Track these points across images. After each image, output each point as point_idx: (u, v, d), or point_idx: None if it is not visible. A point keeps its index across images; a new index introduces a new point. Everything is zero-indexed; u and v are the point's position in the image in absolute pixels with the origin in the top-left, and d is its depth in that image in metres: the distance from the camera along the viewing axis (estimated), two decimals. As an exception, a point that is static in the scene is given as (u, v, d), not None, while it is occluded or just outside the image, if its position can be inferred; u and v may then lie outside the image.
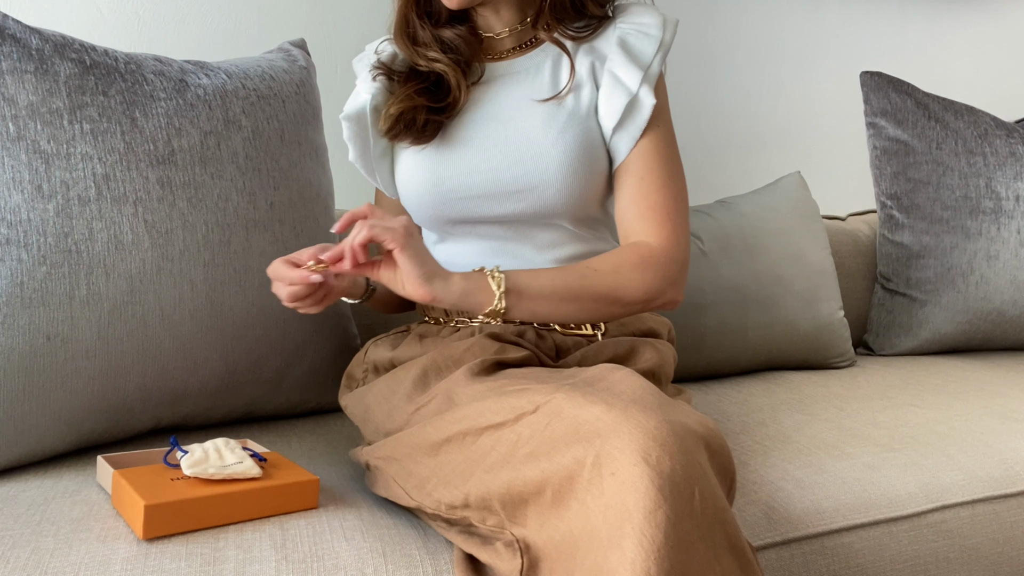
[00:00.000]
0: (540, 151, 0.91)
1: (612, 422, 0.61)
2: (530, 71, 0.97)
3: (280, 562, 0.70)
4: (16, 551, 0.70)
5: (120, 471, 0.78)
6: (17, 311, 0.87)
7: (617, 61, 0.93)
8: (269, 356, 1.04)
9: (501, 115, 0.94)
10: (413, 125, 0.93)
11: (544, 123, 0.92)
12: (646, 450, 0.59)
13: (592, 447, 0.61)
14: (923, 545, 0.89)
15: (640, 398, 0.65)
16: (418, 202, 0.96)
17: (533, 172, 0.91)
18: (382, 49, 1.01)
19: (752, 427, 1.07)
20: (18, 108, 0.89)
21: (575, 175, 0.91)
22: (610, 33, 0.96)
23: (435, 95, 0.95)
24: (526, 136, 0.92)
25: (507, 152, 0.92)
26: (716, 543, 0.59)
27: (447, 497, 0.71)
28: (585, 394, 0.65)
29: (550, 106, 0.93)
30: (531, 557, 0.64)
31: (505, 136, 0.93)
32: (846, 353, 1.45)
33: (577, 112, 0.93)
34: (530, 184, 0.91)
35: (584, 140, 0.92)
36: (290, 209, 1.04)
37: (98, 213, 0.90)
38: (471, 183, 0.93)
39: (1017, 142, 1.56)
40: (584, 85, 0.94)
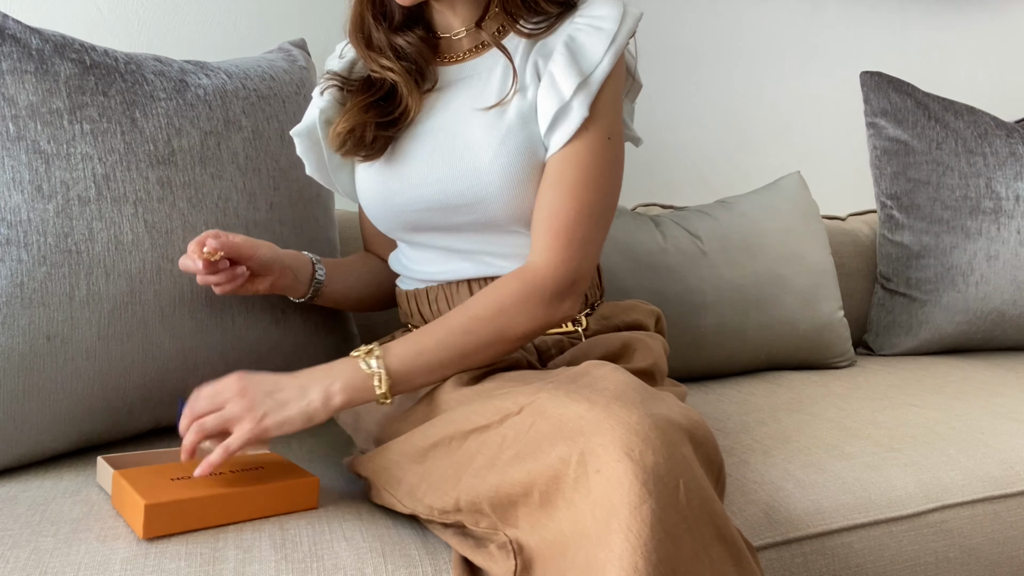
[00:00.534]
0: (480, 165, 0.87)
1: (594, 419, 0.61)
2: (481, 76, 0.92)
3: (280, 562, 0.70)
4: (16, 551, 0.70)
5: (120, 471, 0.78)
6: (17, 311, 0.87)
7: (559, 61, 0.86)
8: (269, 356, 1.04)
9: (447, 125, 0.90)
10: (362, 142, 0.91)
11: (485, 134, 0.87)
12: (628, 445, 0.59)
13: (576, 445, 0.61)
14: (923, 545, 0.89)
15: (622, 393, 0.65)
16: (375, 214, 0.95)
17: (476, 186, 0.87)
18: (346, 52, 0.99)
19: (752, 427, 1.07)
20: (18, 108, 0.89)
21: (518, 187, 0.86)
22: (563, 29, 0.90)
23: (385, 108, 0.92)
24: (468, 148, 0.88)
25: (452, 165, 0.88)
26: (704, 534, 0.59)
27: (438, 503, 0.72)
28: (568, 392, 0.65)
29: (493, 115, 0.88)
30: (525, 558, 0.64)
31: (450, 148, 0.89)
32: (846, 353, 1.45)
33: (520, 118, 0.87)
34: (476, 197, 0.88)
35: (525, 149, 0.86)
36: (290, 209, 1.04)
37: (98, 213, 0.90)
38: (419, 196, 0.90)
39: (1017, 142, 1.56)
40: (530, 86, 0.89)
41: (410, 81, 0.92)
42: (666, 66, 1.77)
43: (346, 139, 0.91)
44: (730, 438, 1.03)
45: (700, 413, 0.99)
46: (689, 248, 1.34)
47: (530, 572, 0.64)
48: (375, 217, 0.96)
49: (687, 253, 1.34)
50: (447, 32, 0.95)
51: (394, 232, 0.96)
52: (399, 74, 0.92)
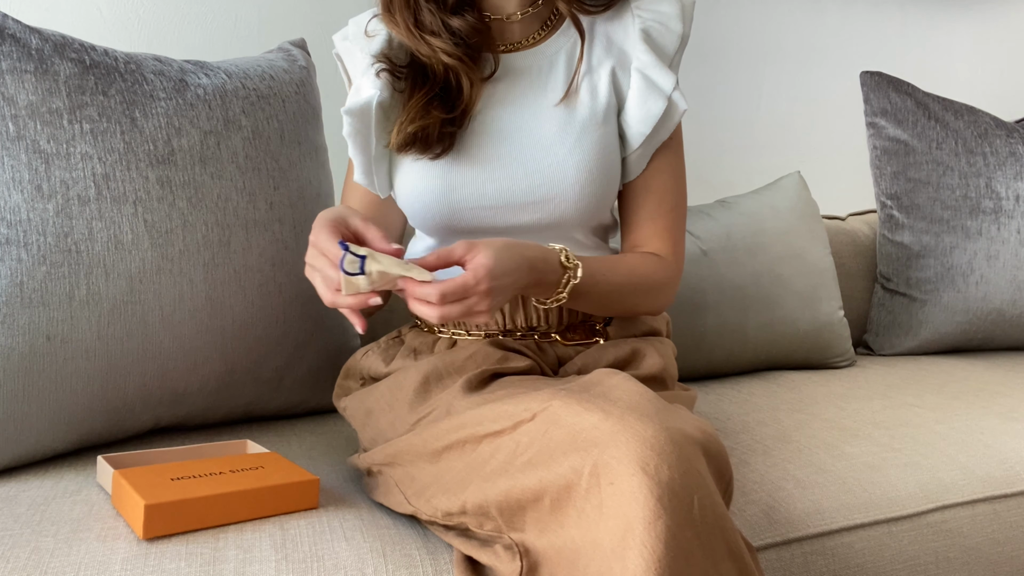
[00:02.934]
0: (556, 161, 0.87)
1: (609, 431, 0.61)
2: (543, 67, 0.91)
3: (280, 562, 0.70)
4: (16, 551, 0.70)
5: (120, 471, 0.78)
6: (17, 311, 0.87)
7: (646, 61, 0.88)
8: (269, 356, 1.04)
9: (515, 119, 0.89)
10: (428, 142, 0.87)
11: (560, 129, 0.87)
12: (644, 459, 0.58)
13: (589, 456, 0.60)
14: (923, 545, 0.89)
15: (637, 405, 0.65)
16: (424, 210, 0.91)
17: (550, 183, 0.87)
18: (374, 30, 0.94)
19: (752, 427, 1.07)
20: (18, 108, 0.89)
21: (592, 185, 0.87)
22: (628, 21, 0.90)
23: (446, 100, 0.88)
24: (542, 144, 0.87)
25: (523, 161, 0.87)
26: (715, 550, 0.59)
27: (444, 505, 0.71)
28: (581, 401, 0.65)
29: (565, 111, 0.88)
30: (530, 561, 0.64)
31: (520, 143, 0.87)
32: (846, 353, 1.45)
33: (594, 116, 0.88)
34: (546, 195, 0.87)
35: (601, 147, 0.87)
36: (290, 209, 1.04)
37: (98, 213, 0.90)
38: (484, 193, 0.88)
39: (1017, 142, 1.56)
40: (602, 88, 0.89)
41: (471, 68, 0.87)
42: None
43: (413, 141, 0.86)
44: (730, 438, 1.03)
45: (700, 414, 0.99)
46: (689, 248, 1.34)
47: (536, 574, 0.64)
48: (422, 214, 0.91)
49: (687, 253, 1.34)
50: (500, 14, 0.92)
51: (437, 230, 0.92)
52: (458, 60, 0.86)
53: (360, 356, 0.97)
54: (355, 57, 0.94)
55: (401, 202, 0.94)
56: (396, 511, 0.80)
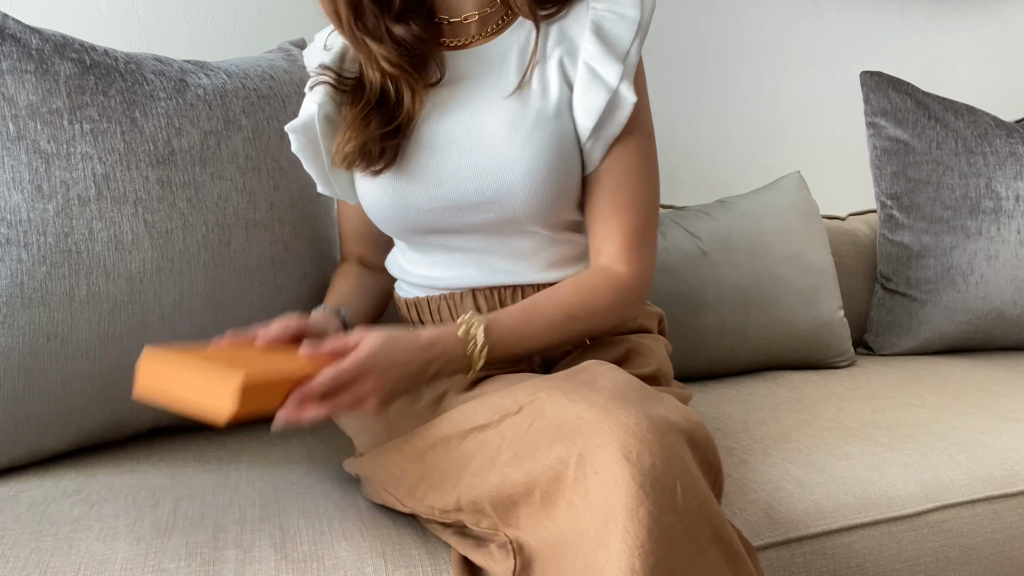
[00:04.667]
0: (505, 160, 0.83)
1: (593, 420, 0.61)
2: (494, 62, 0.88)
3: (280, 562, 0.70)
4: (16, 551, 0.70)
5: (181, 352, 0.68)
6: (17, 311, 0.87)
7: (592, 52, 0.84)
8: (269, 356, 1.04)
9: (463, 118, 0.86)
10: (370, 157, 0.85)
11: (510, 126, 0.84)
12: (626, 447, 0.59)
13: (575, 446, 0.61)
14: (923, 545, 0.89)
15: (620, 393, 0.65)
16: (381, 215, 0.90)
17: (498, 183, 0.84)
18: (332, 43, 0.93)
19: (752, 427, 1.07)
20: (18, 108, 0.89)
21: (543, 183, 0.83)
22: (581, 15, 0.87)
23: (386, 113, 0.86)
24: (489, 142, 0.84)
25: (471, 161, 0.84)
26: (700, 536, 0.59)
27: (439, 502, 0.71)
28: (566, 392, 0.65)
29: (516, 106, 0.85)
30: (524, 558, 0.64)
31: (468, 143, 0.85)
32: (846, 353, 1.45)
33: (545, 111, 0.84)
34: (495, 195, 0.84)
35: (554, 143, 0.84)
36: (290, 209, 1.04)
37: (98, 213, 0.90)
38: (434, 195, 0.86)
39: (1017, 142, 1.56)
40: (552, 80, 0.86)
41: (414, 78, 0.86)
42: (666, 66, 1.77)
43: (354, 158, 0.85)
44: (730, 438, 1.03)
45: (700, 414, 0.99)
46: (689, 248, 1.34)
47: (529, 572, 0.64)
48: (382, 220, 0.91)
49: (687, 253, 1.34)
50: (456, 16, 0.90)
51: (401, 234, 0.92)
52: (401, 69, 0.85)
53: None
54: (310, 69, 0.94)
55: (364, 209, 0.93)
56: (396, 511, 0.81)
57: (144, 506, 0.80)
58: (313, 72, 0.92)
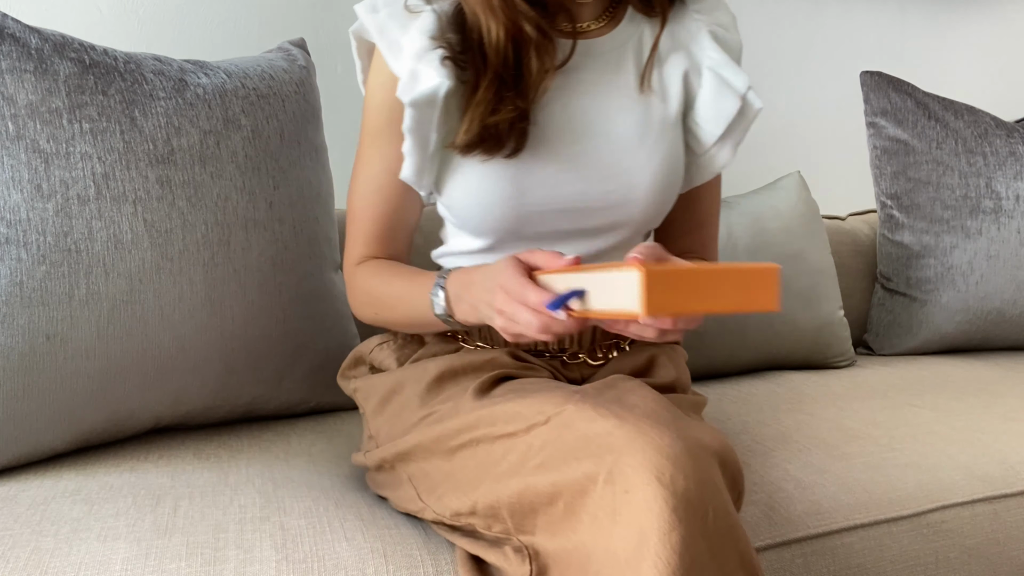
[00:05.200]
0: (634, 165, 0.81)
1: (625, 437, 0.60)
2: (611, 56, 0.82)
3: (280, 562, 0.70)
4: (16, 551, 0.70)
5: None
6: (16, 310, 0.87)
7: (718, 59, 0.84)
8: (269, 356, 1.04)
9: (591, 114, 0.81)
10: (499, 139, 0.76)
11: (638, 132, 0.81)
12: (660, 468, 0.57)
13: (604, 462, 0.60)
14: (923, 545, 0.89)
15: (652, 411, 0.63)
16: (485, 214, 0.81)
17: (625, 187, 0.81)
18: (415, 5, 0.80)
19: (752, 427, 1.07)
20: (17, 107, 0.89)
21: (663, 191, 0.83)
22: (689, 23, 0.85)
23: (517, 89, 0.76)
24: (620, 145, 0.81)
25: (600, 162, 0.80)
26: (728, 561, 0.59)
27: (455, 504, 0.71)
28: (596, 406, 0.64)
29: (640, 108, 0.82)
30: (540, 564, 0.64)
31: (596, 145, 0.80)
32: (846, 353, 1.45)
33: (668, 118, 0.83)
34: (620, 200, 0.81)
35: (673, 152, 0.83)
36: (290, 208, 1.04)
37: (97, 212, 0.90)
38: (556, 196, 0.80)
39: (1017, 142, 1.56)
40: (673, 86, 0.84)
41: (547, 50, 0.76)
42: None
43: (482, 139, 0.76)
44: (730, 438, 1.03)
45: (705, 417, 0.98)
46: (689, 248, 1.34)
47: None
48: (482, 216, 0.81)
49: (687, 253, 1.34)
50: None
51: (495, 234, 0.83)
52: (541, 33, 0.75)
53: (373, 346, 0.92)
54: (393, 37, 0.80)
55: (454, 204, 0.83)
56: (399, 508, 0.80)
57: (144, 505, 0.80)
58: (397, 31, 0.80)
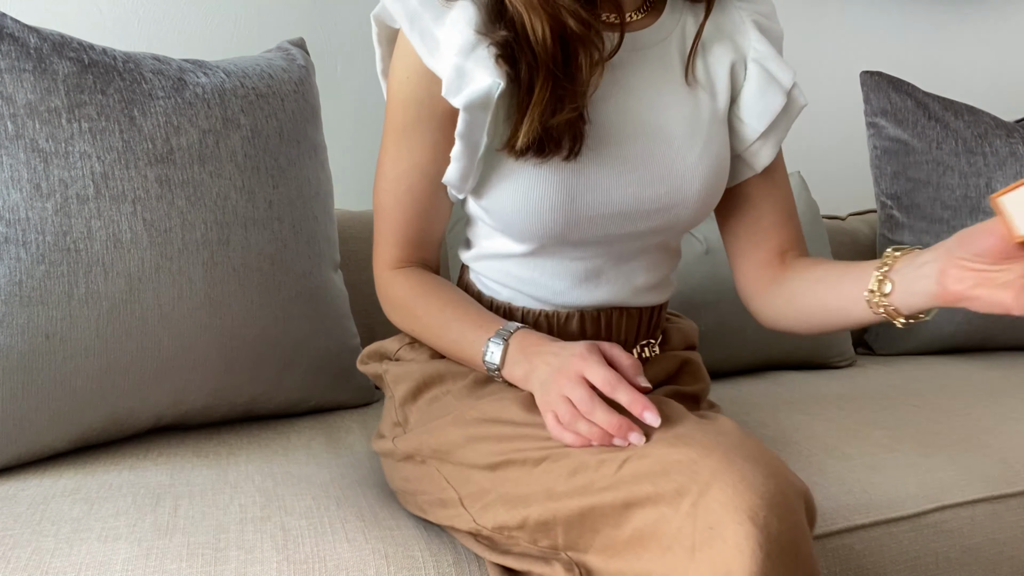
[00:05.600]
0: (686, 168, 0.77)
1: (712, 469, 0.56)
2: (657, 51, 0.78)
3: (282, 563, 0.70)
4: (17, 551, 0.70)
5: None
6: (16, 310, 0.87)
7: (764, 52, 0.81)
8: (269, 355, 1.04)
9: (641, 112, 0.76)
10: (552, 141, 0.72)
11: (689, 131, 0.78)
12: (753, 508, 0.53)
13: (688, 493, 0.56)
14: (923, 545, 0.89)
15: (740, 443, 0.59)
16: (533, 218, 0.76)
17: (676, 189, 0.77)
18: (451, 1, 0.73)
19: (752, 427, 1.07)
20: (16, 107, 0.88)
21: (712, 191, 0.80)
22: (733, 13, 0.82)
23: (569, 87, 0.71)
24: (672, 146, 0.77)
25: (654, 163, 0.76)
26: None
27: (501, 517, 0.66)
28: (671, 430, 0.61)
29: (689, 104, 0.78)
30: None
31: (648, 146, 0.76)
32: (846, 353, 1.45)
33: (717, 114, 0.80)
34: (671, 202, 0.78)
35: (723, 150, 0.80)
36: (289, 208, 1.04)
37: (97, 212, 0.90)
38: (610, 200, 0.76)
39: (1017, 142, 1.56)
40: (720, 79, 0.80)
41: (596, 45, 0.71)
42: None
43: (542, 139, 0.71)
44: (730, 438, 1.02)
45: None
46: (690, 248, 1.34)
47: None
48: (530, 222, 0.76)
49: (688, 253, 1.34)
50: None
51: (540, 239, 0.78)
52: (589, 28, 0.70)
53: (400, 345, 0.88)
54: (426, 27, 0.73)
55: (499, 209, 0.78)
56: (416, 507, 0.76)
57: (144, 505, 0.79)
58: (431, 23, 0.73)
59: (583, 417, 0.64)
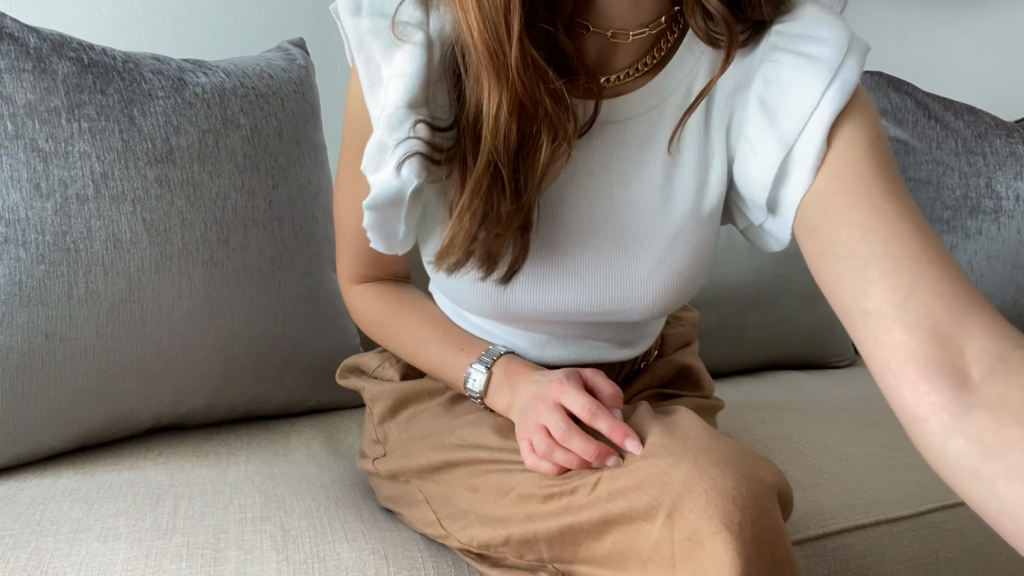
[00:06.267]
0: (636, 278, 0.66)
1: (682, 478, 0.55)
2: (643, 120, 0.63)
3: (281, 563, 0.70)
4: (16, 551, 0.70)
5: None
6: (15, 310, 0.87)
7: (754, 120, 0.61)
8: (269, 355, 1.04)
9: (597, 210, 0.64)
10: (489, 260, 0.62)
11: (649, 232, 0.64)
12: (727, 515, 0.53)
13: (661, 504, 0.55)
14: (923, 545, 0.89)
15: (708, 446, 0.57)
16: (464, 303, 0.71)
17: (622, 298, 0.68)
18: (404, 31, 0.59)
19: (752, 427, 1.07)
20: (16, 107, 0.88)
21: (669, 301, 0.69)
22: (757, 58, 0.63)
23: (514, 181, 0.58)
24: (625, 248, 0.65)
25: (598, 272, 0.66)
26: None
27: (483, 536, 0.65)
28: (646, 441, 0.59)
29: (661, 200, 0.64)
30: None
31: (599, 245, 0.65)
32: (846, 353, 1.45)
33: (697, 212, 0.64)
34: (616, 309, 0.68)
35: (693, 258, 0.66)
36: (289, 207, 1.04)
37: (96, 211, 0.90)
38: (543, 306, 0.68)
39: (1017, 142, 1.56)
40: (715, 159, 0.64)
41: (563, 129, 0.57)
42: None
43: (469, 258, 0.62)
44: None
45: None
46: (689, 247, 1.34)
47: None
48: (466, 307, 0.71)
49: (687, 253, 1.34)
50: (605, 27, 0.60)
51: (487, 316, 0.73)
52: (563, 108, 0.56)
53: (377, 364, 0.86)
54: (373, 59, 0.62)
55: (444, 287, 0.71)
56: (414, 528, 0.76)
57: (144, 505, 0.79)
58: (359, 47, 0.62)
59: (559, 446, 0.61)
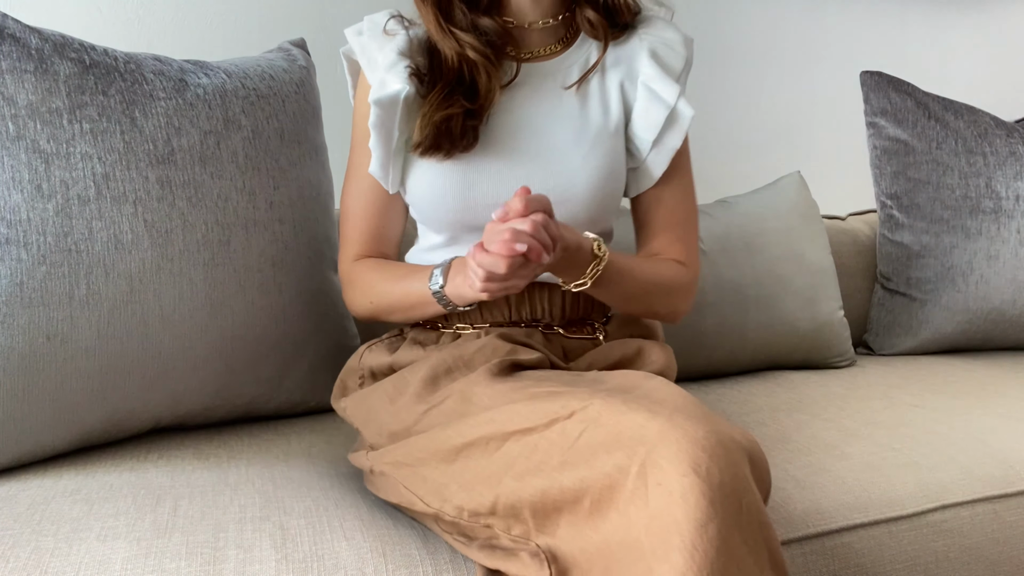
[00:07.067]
0: (572, 166, 0.90)
1: (658, 430, 0.60)
2: (557, 76, 0.95)
3: (280, 562, 0.70)
4: (16, 551, 0.70)
5: None
6: (17, 311, 0.87)
7: (651, 74, 0.94)
8: (269, 356, 1.04)
9: (533, 124, 0.92)
10: (450, 135, 0.87)
11: (575, 138, 0.91)
12: (696, 460, 0.57)
13: (636, 456, 0.59)
14: (923, 545, 0.89)
15: (683, 406, 0.63)
16: (439, 207, 0.91)
17: (565, 184, 0.90)
18: (392, 30, 0.94)
19: (752, 427, 1.07)
20: (17, 107, 0.89)
21: (601, 191, 0.91)
22: (634, 43, 0.96)
23: (468, 96, 0.89)
24: (558, 149, 0.91)
25: (541, 161, 0.90)
26: (761, 557, 0.58)
27: (471, 503, 0.70)
28: (625, 400, 0.64)
29: (580, 120, 0.93)
30: (559, 567, 0.63)
31: (537, 147, 0.91)
32: (846, 353, 1.45)
33: (606, 129, 0.93)
34: (561, 196, 0.88)
35: (611, 157, 0.92)
36: (290, 208, 1.04)
37: (98, 213, 0.90)
38: (500, 191, 0.89)
39: (1017, 142, 1.56)
40: (613, 100, 0.94)
41: (493, 66, 0.90)
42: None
43: (438, 135, 0.87)
44: (730, 438, 1.02)
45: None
46: (689, 248, 1.34)
47: None
48: (436, 208, 0.91)
49: (687, 253, 1.34)
50: (521, 21, 0.95)
51: (450, 226, 0.92)
52: (485, 57, 0.89)
53: (362, 352, 0.96)
54: (372, 55, 0.94)
55: (414, 199, 0.94)
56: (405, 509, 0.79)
57: (144, 505, 0.80)
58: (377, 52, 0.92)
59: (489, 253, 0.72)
